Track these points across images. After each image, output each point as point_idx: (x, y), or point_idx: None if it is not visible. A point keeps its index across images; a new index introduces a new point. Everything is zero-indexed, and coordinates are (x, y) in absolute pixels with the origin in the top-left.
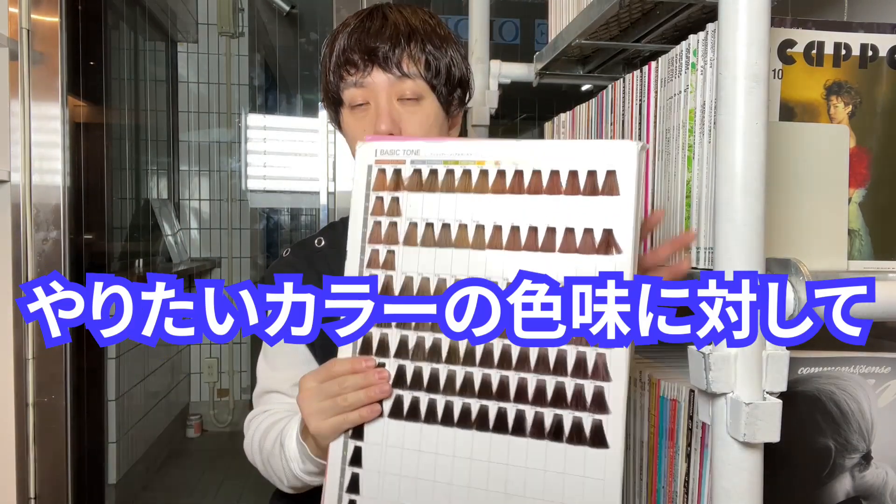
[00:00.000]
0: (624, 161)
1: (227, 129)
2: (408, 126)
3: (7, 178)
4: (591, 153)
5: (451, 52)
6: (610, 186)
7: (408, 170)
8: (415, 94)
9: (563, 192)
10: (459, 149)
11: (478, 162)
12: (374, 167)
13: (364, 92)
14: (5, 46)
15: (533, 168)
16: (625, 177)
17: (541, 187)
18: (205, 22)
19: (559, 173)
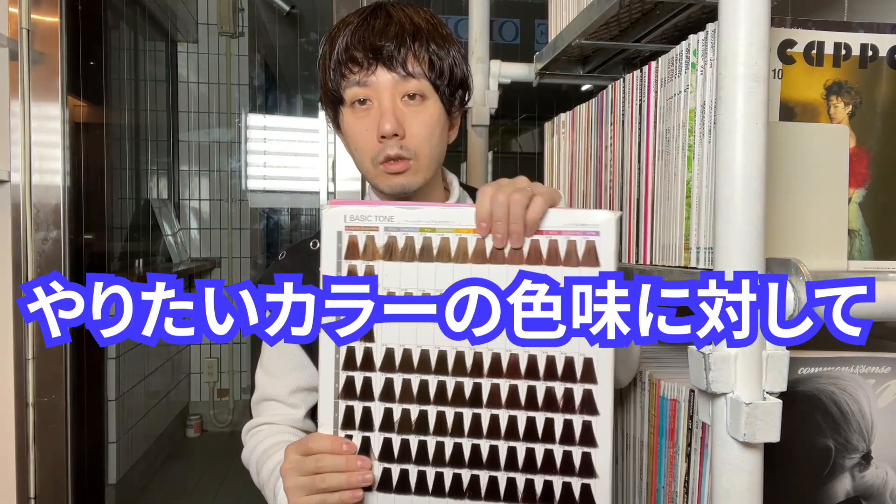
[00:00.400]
0: (603, 230)
1: (227, 129)
2: (411, 126)
3: (7, 178)
4: (572, 221)
5: (453, 52)
6: (589, 256)
7: (381, 237)
8: (419, 93)
9: (543, 262)
10: (436, 215)
11: (456, 230)
12: (344, 234)
13: (367, 90)
14: (5, 46)
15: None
16: (604, 247)
17: (521, 257)
18: (205, 22)
19: (539, 242)
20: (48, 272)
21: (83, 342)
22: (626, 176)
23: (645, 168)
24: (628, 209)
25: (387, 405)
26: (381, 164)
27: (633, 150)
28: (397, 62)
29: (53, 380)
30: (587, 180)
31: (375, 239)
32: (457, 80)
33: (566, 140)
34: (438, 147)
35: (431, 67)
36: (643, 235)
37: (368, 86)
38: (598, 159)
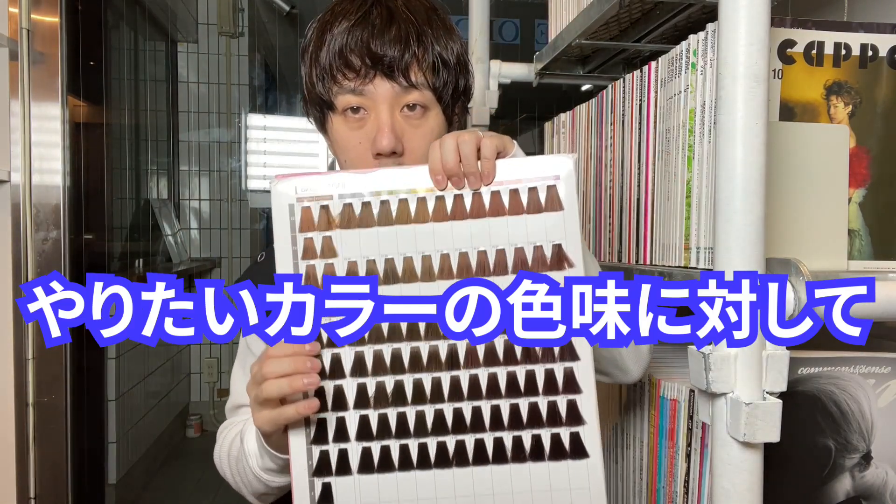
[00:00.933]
0: (563, 175)
1: (227, 129)
2: (411, 142)
3: (7, 178)
4: (529, 170)
5: (457, 49)
6: (552, 201)
7: (336, 205)
8: (420, 105)
9: (507, 213)
10: (391, 178)
11: (412, 190)
12: (296, 206)
13: (362, 100)
14: (5, 46)
15: (472, 191)
16: (566, 190)
17: (483, 210)
18: (205, 22)
19: (500, 193)
20: (48, 272)
21: (83, 342)
22: (626, 176)
23: (645, 168)
24: (628, 209)
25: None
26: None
27: (633, 150)
28: (399, 71)
29: (53, 380)
30: (587, 180)
31: (330, 208)
32: (460, 89)
33: (566, 140)
34: None
35: (435, 74)
36: (643, 235)
37: (365, 95)
38: (598, 159)
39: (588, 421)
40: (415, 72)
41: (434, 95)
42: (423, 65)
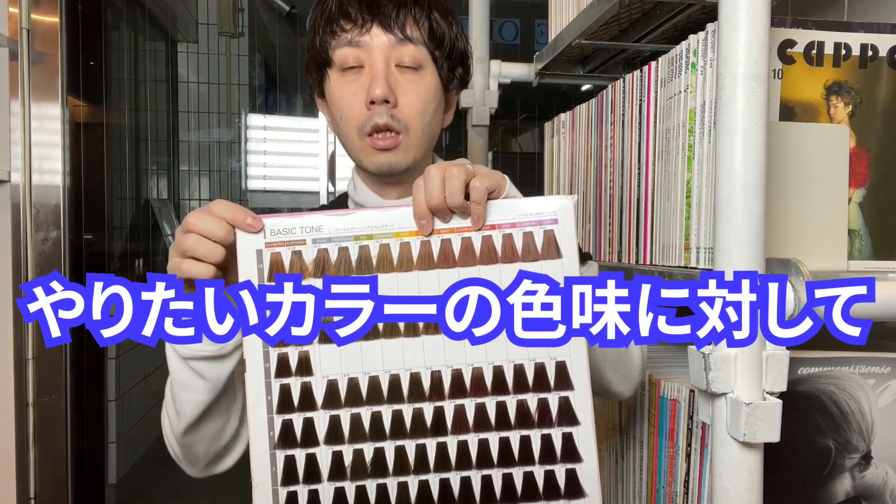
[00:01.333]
0: (561, 217)
1: (227, 129)
2: (404, 95)
3: (7, 178)
4: (524, 212)
5: (455, 26)
6: (549, 248)
7: (310, 251)
8: (415, 63)
9: (499, 260)
10: (371, 220)
11: (396, 234)
12: (265, 252)
13: (358, 52)
14: (5, 46)
15: (461, 235)
16: (564, 235)
17: (474, 256)
18: (205, 22)
19: (492, 238)
20: (48, 272)
21: (83, 342)
22: (626, 176)
23: (645, 168)
24: (628, 209)
25: (335, 448)
26: (367, 135)
27: (633, 150)
28: (395, 23)
29: (53, 380)
30: (587, 180)
31: (303, 254)
32: (457, 53)
33: (566, 140)
34: (431, 125)
35: (431, 35)
36: (643, 235)
37: (361, 46)
38: (598, 159)
39: (585, 459)
40: (411, 26)
41: (429, 54)
42: (420, 22)
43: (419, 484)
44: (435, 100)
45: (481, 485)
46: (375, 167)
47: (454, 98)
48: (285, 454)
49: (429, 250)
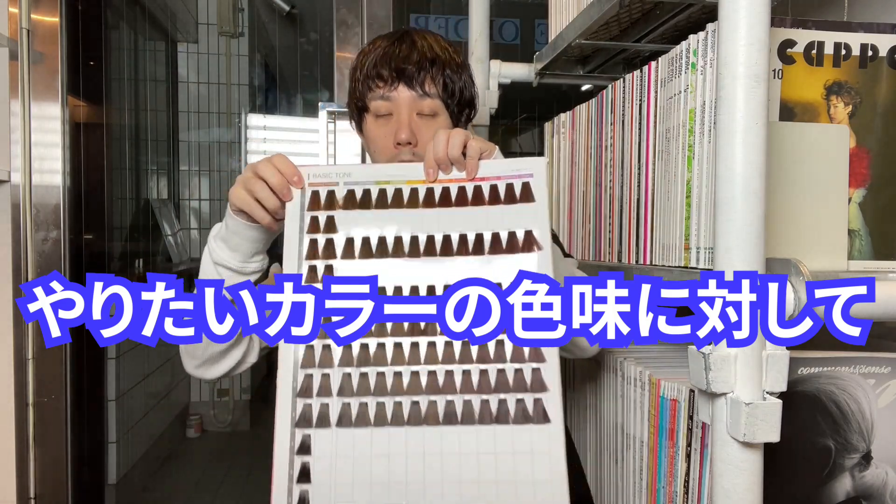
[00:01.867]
0: (535, 172)
1: (227, 129)
2: (423, 136)
3: (7, 178)
4: (508, 168)
5: (464, 76)
6: (526, 194)
7: (341, 191)
8: (431, 111)
9: (486, 203)
10: (390, 170)
11: (408, 181)
12: (307, 189)
13: (388, 105)
14: (5, 46)
15: (458, 185)
16: (538, 186)
17: (466, 200)
18: (205, 22)
19: (481, 188)
20: (48, 272)
21: (83, 342)
22: (626, 176)
23: (645, 168)
24: (628, 209)
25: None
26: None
27: (633, 150)
28: (417, 82)
29: (53, 380)
30: (587, 180)
31: (335, 193)
32: (465, 100)
33: (566, 140)
34: None
35: (445, 89)
36: (643, 235)
37: (390, 100)
38: (598, 159)
39: (551, 388)
40: (429, 84)
41: (443, 104)
42: (436, 80)
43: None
44: None
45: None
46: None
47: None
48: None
49: (432, 195)
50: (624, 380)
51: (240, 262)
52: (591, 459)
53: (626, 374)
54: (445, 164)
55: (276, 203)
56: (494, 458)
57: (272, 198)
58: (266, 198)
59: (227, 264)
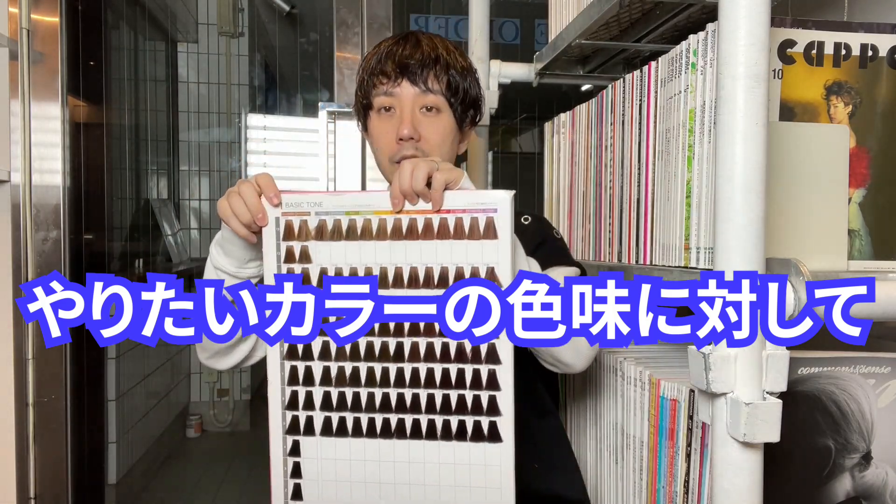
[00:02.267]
0: (500, 207)
1: (227, 129)
2: (425, 132)
3: (7, 178)
4: (473, 201)
5: (469, 78)
6: (489, 231)
7: (313, 221)
8: (435, 107)
9: (451, 237)
10: (358, 200)
11: (376, 212)
12: (281, 219)
13: (392, 100)
14: (5, 46)
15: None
16: (502, 222)
17: (432, 232)
18: (205, 22)
19: (447, 220)
20: (48, 272)
21: (83, 342)
22: (626, 176)
23: (645, 168)
24: (628, 209)
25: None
26: (397, 162)
27: (633, 150)
28: (420, 79)
29: (53, 380)
30: (587, 180)
31: (308, 223)
32: (469, 99)
33: (566, 140)
34: (449, 154)
35: (448, 87)
36: (643, 235)
37: (394, 95)
38: (598, 159)
39: (504, 413)
40: (432, 81)
41: (446, 101)
42: (440, 77)
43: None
44: (450, 135)
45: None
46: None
47: (468, 132)
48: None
49: (399, 225)
50: (624, 380)
51: (235, 267)
52: (591, 459)
53: (626, 374)
54: (411, 195)
55: (249, 219)
56: (453, 467)
57: (247, 214)
58: (241, 213)
59: (224, 269)
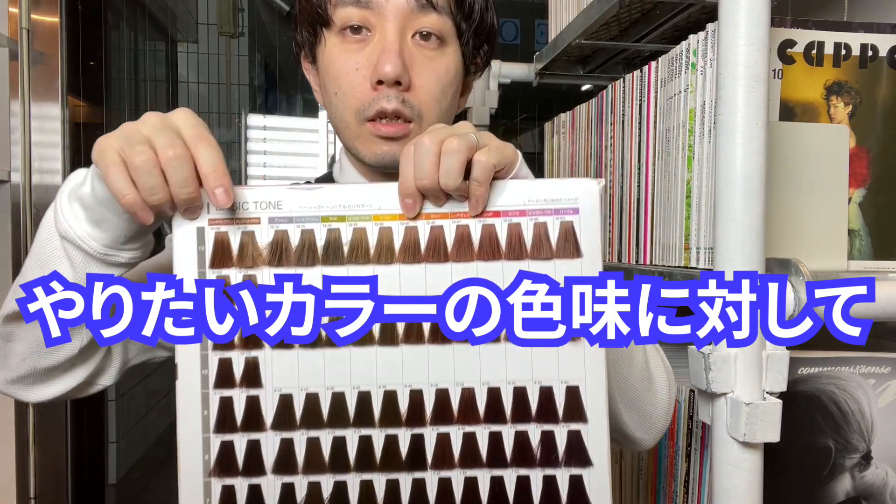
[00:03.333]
0: (584, 206)
1: (227, 129)
2: (420, 75)
3: (7, 178)
4: (538, 196)
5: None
6: (567, 244)
7: (265, 233)
8: (436, 33)
9: (502, 257)
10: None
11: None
12: (208, 230)
13: (367, 14)
14: (5, 46)
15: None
16: (586, 229)
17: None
18: (205, 22)
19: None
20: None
21: None
22: (626, 176)
23: (645, 168)
24: (628, 209)
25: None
26: (369, 120)
27: (633, 150)
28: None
29: None
30: None
31: (256, 235)
32: (486, 27)
33: (566, 140)
34: (447, 113)
35: (460, 2)
36: (643, 235)
37: (371, 7)
38: (598, 159)
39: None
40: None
41: (454, 27)
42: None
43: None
44: (454, 83)
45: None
46: (375, 158)
47: (472, 82)
48: (223, 484)
49: (415, 239)
50: None
51: (104, 245)
52: None
53: None
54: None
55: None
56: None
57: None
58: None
59: (81, 243)
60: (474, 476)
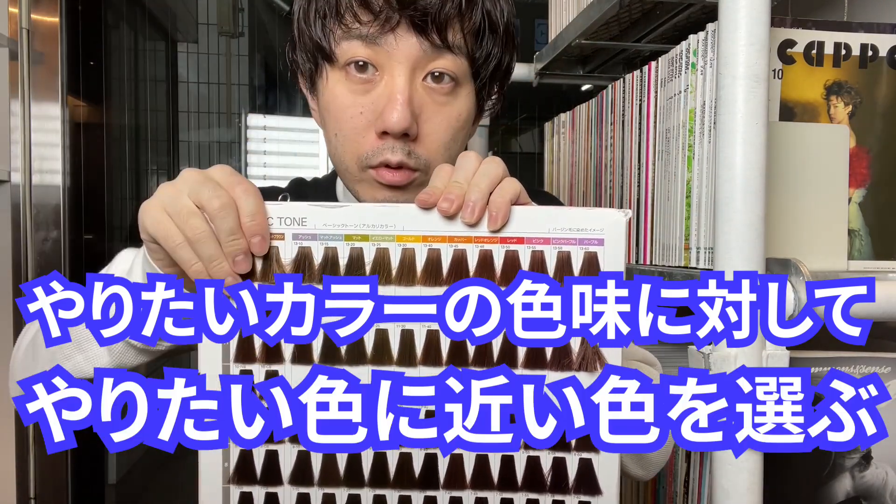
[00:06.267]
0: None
1: (227, 129)
2: (429, 123)
3: (7, 178)
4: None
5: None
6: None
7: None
8: (450, 73)
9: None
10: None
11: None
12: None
13: (374, 53)
14: (5, 46)
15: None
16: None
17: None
18: (205, 22)
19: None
20: (48, 272)
21: None
22: (626, 176)
23: (645, 168)
24: (628, 209)
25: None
26: (372, 168)
27: (633, 150)
28: (433, 24)
29: None
30: (587, 180)
31: (280, 252)
32: (503, 65)
33: (566, 140)
34: (456, 155)
35: (479, 41)
36: (643, 235)
37: (379, 47)
38: (598, 159)
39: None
40: (454, 30)
41: (470, 68)
42: (466, 23)
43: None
44: (466, 126)
45: None
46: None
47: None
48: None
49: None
50: None
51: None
52: None
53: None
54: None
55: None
56: None
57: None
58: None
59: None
60: (485, 497)
